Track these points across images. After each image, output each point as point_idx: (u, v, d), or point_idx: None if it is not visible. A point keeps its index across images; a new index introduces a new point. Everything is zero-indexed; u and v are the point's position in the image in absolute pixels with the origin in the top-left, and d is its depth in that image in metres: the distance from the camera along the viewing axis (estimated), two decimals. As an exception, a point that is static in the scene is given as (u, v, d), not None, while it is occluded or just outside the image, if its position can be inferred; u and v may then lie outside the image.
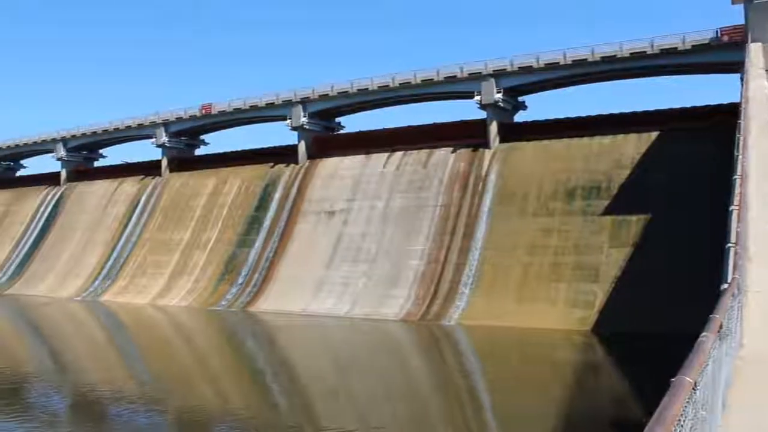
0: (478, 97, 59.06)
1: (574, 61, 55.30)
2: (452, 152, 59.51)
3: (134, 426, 25.98)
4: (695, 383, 5.22)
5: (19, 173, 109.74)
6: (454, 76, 61.03)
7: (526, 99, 62.81)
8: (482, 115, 59.93)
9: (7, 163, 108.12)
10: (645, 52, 52.74)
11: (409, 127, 65.41)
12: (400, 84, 63.87)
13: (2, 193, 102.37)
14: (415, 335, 47.43)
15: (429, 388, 32.93)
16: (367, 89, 65.86)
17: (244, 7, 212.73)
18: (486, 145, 58.41)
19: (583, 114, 58.54)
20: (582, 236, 48.77)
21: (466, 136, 59.91)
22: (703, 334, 6.80)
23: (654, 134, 51.08)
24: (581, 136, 54.35)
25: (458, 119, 63.81)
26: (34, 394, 32.53)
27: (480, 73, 59.34)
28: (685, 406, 4.79)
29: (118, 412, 28.39)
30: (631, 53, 53.21)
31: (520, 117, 63.07)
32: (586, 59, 54.72)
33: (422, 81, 62.71)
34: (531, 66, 57.27)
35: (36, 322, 61.65)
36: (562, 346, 41.27)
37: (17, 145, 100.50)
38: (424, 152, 61.10)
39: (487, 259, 51.40)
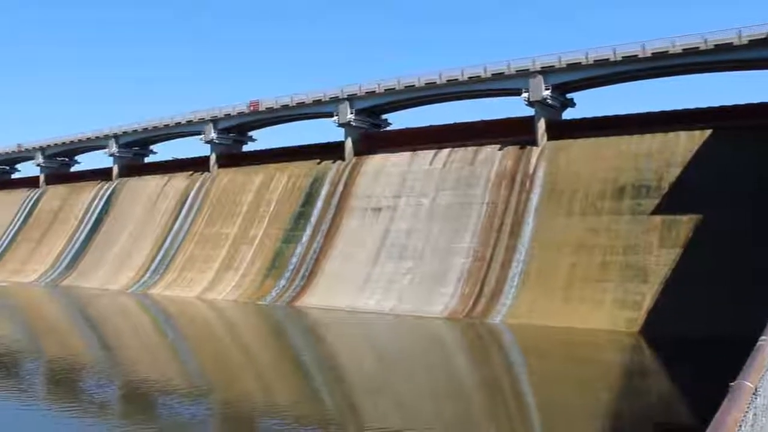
0: (525, 94, 58.54)
1: (624, 57, 54.36)
2: (499, 150, 59.13)
3: (182, 416, 26.51)
4: (756, 388, 5.13)
5: (73, 169, 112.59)
6: (502, 73, 60.56)
7: (575, 96, 62.09)
8: (530, 112, 59.42)
9: (63, 159, 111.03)
10: (698, 48, 51.50)
11: (455, 124, 65.18)
12: (447, 81, 63.65)
13: (58, 188, 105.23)
14: (460, 333, 47.32)
15: (474, 386, 32.86)
16: (413, 86, 65.81)
17: (293, 5, 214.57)
18: (533, 142, 57.92)
19: (632, 111, 57.64)
20: (631, 236, 48.04)
21: (513, 133, 59.49)
22: (763, 337, 6.69)
23: (707, 132, 49.95)
24: (631, 133, 53.45)
25: (504, 117, 63.36)
26: (87, 382, 33.42)
27: (528, 69, 58.79)
28: (746, 412, 4.72)
29: (167, 403, 29.05)
30: (683, 49, 52.02)
31: (568, 114, 62.45)
32: (636, 55, 53.77)
33: (469, 78, 62.38)
34: (580, 62, 56.53)
35: (90, 314, 63.07)
36: (609, 347, 40.76)
37: (72, 142, 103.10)
38: (471, 149, 60.86)
39: (534, 257, 51.00)
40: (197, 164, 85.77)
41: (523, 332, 45.15)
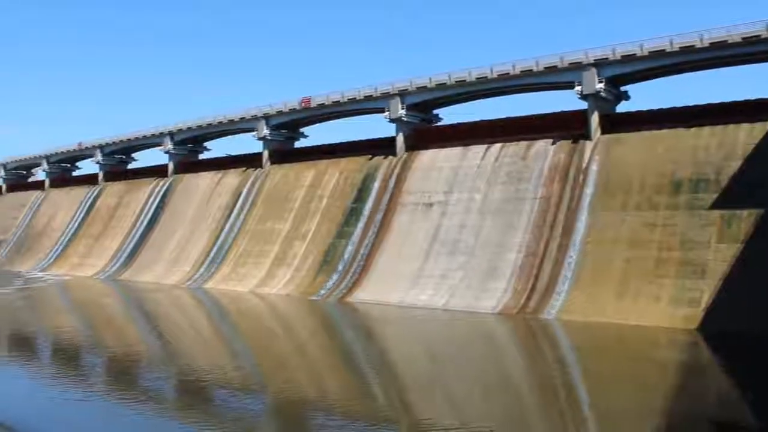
0: (578, 88, 57.67)
1: (681, 47, 53.01)
2: (552, 144, 58.41)
3: (236, 408, 26.97)
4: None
5: (130, 166, 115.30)
6: (554, 66, 59.71)
7: (629, 89, 60.84)
8: (583, 105, 58.53)
9: (120, 156, 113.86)
10: (759, 36, 49.91)
11: (507, 118, 64.56)
12: (498, 75, 63.08)
13: (115, 185, 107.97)
14: (512, 328, 46.96)
15: (527, 382, 32.61)
16: (464, 81, 65.42)
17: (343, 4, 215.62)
18: (587, 136, 57.04)
19: (689, 103, 56.25)
20: (688, 231, 46.97)
21: (566, 127, 58.70)
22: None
23: (768, 124, 48.52)
24: (688, 126, 52.18)
25: (555, 111, 62.49)
26: (144, 373, 34.32)
27: (581, 62, 57.88)
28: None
29: (221, 395, 29.69)
30: (743, 38, 50.43)
31: (622, 107, 61.21)
32: (693, 46, 52.36)
33: (521, 72, 61.70)
34: (634, 54, 55.35)
35: (147, 308, 64.51)
36: (666, 344, 39.96)
37: (129, 139, 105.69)
38: (523, 144, 60.25)
39: (587, 252, 50.30)
40: (250, 161, 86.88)
41: (576, 328, 44.58)
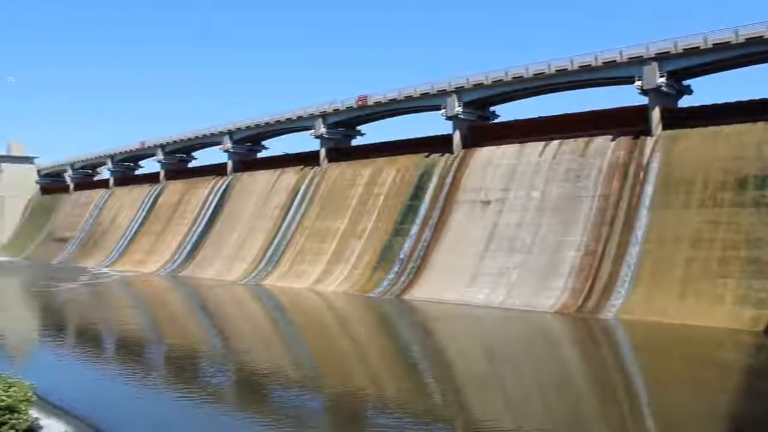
0: (639, 83, 56.57)
1: (747, 39, 51.44)
2: (611, 140, 57.41)
3: (293, 404, 27.45)
4: None
5: (190, 165, 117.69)
6: (614, 61, 58.68)
7: (692, 83, 59.41)
8: (643, 101, 57.35)
9: (181, 155, 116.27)
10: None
11: (565, 114, 63.76)
12: (556, 71, 62.33)
13: (176, 183, 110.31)
14: (570, 328, 46.40)
15: (586, 384, 32.21)
16: (521, 77, 64.83)
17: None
18: (647, 132, 55.86)
19: (755, 97, 54.43)
20: (755, 229, 45.59)
21: (626, 123, 57.65)
22: None
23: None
24: (754, 120, 50.65)
25: (614, 107, 61.41)
26: (204, 367, 35.14)
27: (641, 56, 56.70)
28: None
29: (279, 390, 30.33)
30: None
31: (684, 102, 59.78)
32: (761, 37, 50.79)
33: (580, 67, 60.81)
34: (697, 47, 53.99)
35: (208, 304, 65.80)
36: (731, 346, 38.90)
37: (189, 138, 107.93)
38: (581, 140, 59.40)
39: (648, 251, 49.32)
40: (307, 159, 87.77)
41: (637, 329, 43.81)
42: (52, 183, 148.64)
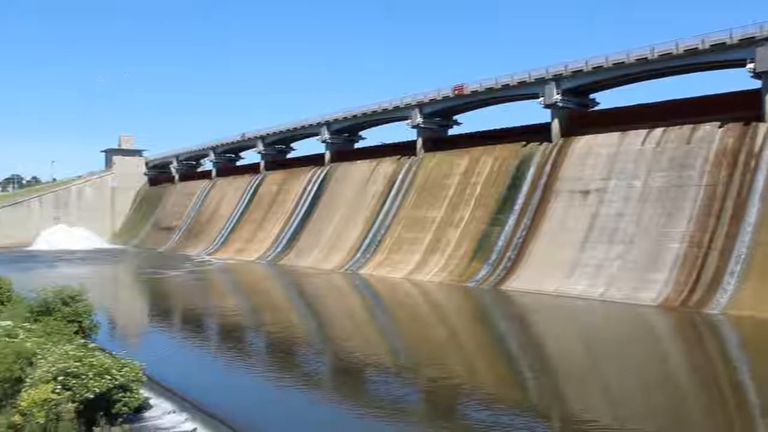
0: (751, 65, 53.61)
1: None
2: (719, 127, 54.93)
3: (384, 392, 27.91)
4: None
5: (289, 156, 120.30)
6: (723, 43, 55.91)
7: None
8: (756, 84, 54.56)
9: (280, 146, 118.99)
10: None
11: (669, 101, 61.50)
12: (659, 56, 60.08)
13: (276, 173, 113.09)
14: (674, 323, 44.85)
15: (693, 384, 30.88)
16: (623, 63, 62.87)
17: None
18: (760, 117, 53.04)
19: None
20: None
21: (735, 108, 54.90)
22: None
23: None
24: None
25: (723, 92, 58.63)
26: (302, 355, 36.09)
27: (754, 37, 53.70)
28: None
29: (373, 378, 30.88)
30: None
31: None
32: None
33: (685, 51, 58.39)
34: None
35: (307, 292, 67.09)
36: None
37: (288, 130, 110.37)
38: (687, 128, 57.10)
39: (760, 244, 46.96)
40: (404, 149, 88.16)
41: (746, 325, 41.87)
42: (158, 174, 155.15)
